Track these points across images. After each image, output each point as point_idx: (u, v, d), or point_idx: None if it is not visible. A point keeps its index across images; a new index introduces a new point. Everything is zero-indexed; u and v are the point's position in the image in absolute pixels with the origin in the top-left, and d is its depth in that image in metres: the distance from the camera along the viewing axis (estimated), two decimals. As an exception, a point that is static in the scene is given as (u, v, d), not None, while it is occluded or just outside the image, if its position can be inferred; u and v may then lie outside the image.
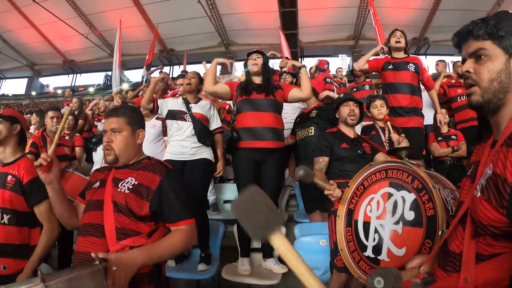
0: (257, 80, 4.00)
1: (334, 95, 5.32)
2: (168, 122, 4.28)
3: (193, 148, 4.05)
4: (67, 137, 5.47)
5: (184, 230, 2.00)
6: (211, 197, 5.44)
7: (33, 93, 27.55)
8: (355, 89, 7.52)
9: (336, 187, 2.89)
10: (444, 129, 5.63)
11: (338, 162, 3.44)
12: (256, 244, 4.16)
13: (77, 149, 5.63)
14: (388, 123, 4.13)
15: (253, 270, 3.89)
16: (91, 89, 23.17)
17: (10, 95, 29.01)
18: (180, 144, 4.08)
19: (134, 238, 1.94)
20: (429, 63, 13.23)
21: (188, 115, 4.14)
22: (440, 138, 5.62)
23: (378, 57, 5.40)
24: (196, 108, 4.22)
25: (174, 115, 4.19)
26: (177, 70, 21.95)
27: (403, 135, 3.86)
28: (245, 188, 3.38)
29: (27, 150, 4.36)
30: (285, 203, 5.93)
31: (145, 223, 2.00)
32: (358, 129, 4.15)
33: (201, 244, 4.03)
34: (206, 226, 4.08)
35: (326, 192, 2.89)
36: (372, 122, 4.48)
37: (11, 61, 27.09)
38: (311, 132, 4.41)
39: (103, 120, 5.26)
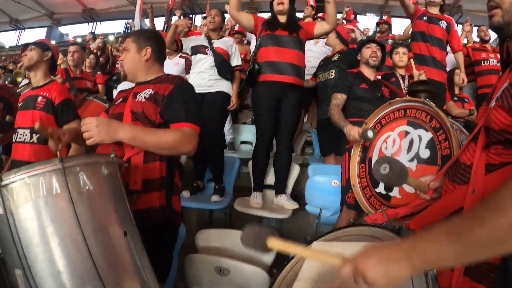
0: (282, 19, 3.96)
1: (358, 35, 5.32)
2: (192, 58, 4.36)
3: (210, 81, 4.10)
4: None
5: (182, 130, 2.00)
6: (228, 137, 5.50)
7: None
8: (377, 43, 7.41)
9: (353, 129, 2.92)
10: (456, 91, 5.61)
11: (355, 102, 3.45)
12: (270, 180, 4.24)
13: (99, 86, 5.76)
14: (412, 60, 4.06)
15: (265, 205, 3.98)
16: (111, 37, 23.16)
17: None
18: (199, 77, 4.13)
19: None
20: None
21: (209, 49, 4.20)
22: (455, 99, 5.59)
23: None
24: (218, 43, 4.27)
25: (196, 49, 4.25)
26: (199, 20, 21.68)
27: (423, 71, 3.87)
28: (264, 123, 3.43)
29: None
30: (301, 148, 6.01)
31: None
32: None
33: (215, 177, 4.16)
34: (222, 159, 4.19)
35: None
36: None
37: (29, 11, 26.99)
38: (331, 75, 4.41)
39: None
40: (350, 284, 1.46)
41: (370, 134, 2.70)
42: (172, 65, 4.95)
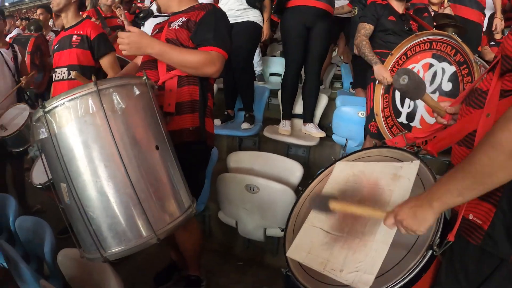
0: None
1: None
2: None
3: (238, 10, 4.08)
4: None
5: (208, 53, 2.07)
6: (257, 68, 5.60)
7: None
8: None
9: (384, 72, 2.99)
10: (498, 36, 5.25)
11: (382, 33, 3.44)
12: (298, 109, 4.35)
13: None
14: None
15: (293, 133, 4.12)
16: None
17: None
18: (227, 7, 4.08)
19: None
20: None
21: None
22: (492, 43, 5.32)
23: None
24: None
25: None
26: None
27: (448, 4, 3.83)
28: (293, 51, 3.53)
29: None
30: (330, 82, 6.04)
31: None
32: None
33: (246, 105, 4.29)
34: (252, 88, 4.28)
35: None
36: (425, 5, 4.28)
37: None
38: (354, 13, 4.37)
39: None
40: (369, 199, 1.59)
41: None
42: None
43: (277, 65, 5.97)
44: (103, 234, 1.52)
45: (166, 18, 2.37)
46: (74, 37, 3.12)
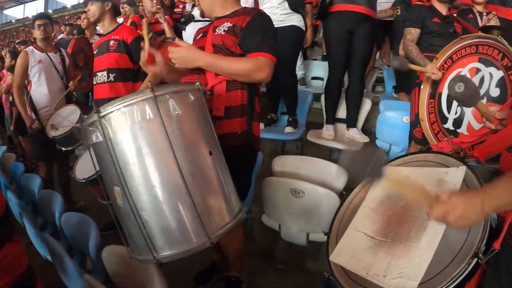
0: None
1: None
2: None
3: (282, 15, 4.11)
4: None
5: (257, 59, 2.09)
6: (299, 72, 5.56)
7: None
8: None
9: (435, 68, 2.89)
10: None
11: (427, 36, 3.39)
12: (341, 114, 4.33)
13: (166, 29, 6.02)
14: None
15: (336, 137, 4.09)
16: None
17: None
18: (270, 11, 4.07)
19: None
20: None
21: None
22: None
23: None
24: None
25: None
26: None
27: (493, 13, 3.67)
28: (336, 55, 3.52)
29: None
30: (372, 85, 5.99)
31: None
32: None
33: (289, 109, 4.31)
34: (295, 92, 4.30)
35: (426, 74, 2.93)
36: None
37: None
38: (398, 12, 4.36)
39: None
40: (414, 205, 1.58)
41: (395, 63, 2.79)
42: (242, 2, 4.94)
43: (319, 69, 5.97)
44: (156, 237, 1.56)
45: (208, 22, 2.44)
46: (112, 42, 3.27)
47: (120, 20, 5.53)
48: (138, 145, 1.52)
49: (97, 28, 6.16)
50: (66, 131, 3.67)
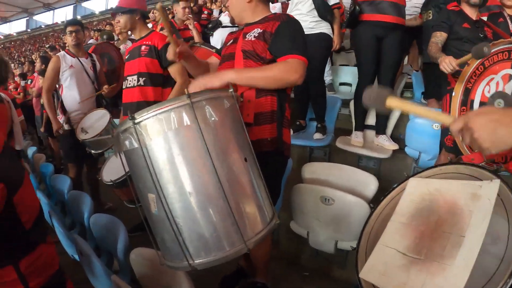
0: None
1: None
2: (290, 2, 4.37)
3: (311, 23, 4.10)
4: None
5: (286, 62, 2.05)
6: (327, 78, 5.55)
7: None
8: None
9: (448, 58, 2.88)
10: None
11: (457, 42, 3.33)
12: (371, 121, 4.29)
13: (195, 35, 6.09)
14: None
15: (365, 144, 4.07)
16: None
17: None
18: (299, 19, 4.16)
19: None
20: None
21: None
22: None
23: None
24: None
25: None
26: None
27: None
28: (365, 63, 3.49)
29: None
30: (401, 91, 5.85)
31: None
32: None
33: (318, 115, 4.28)
34: (324, 98, 4.28)
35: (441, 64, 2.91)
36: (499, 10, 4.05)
37: None
38: (429, 16, 4.27)
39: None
40: (447, 220, 1.55)
41: (486, 50, 2.50)
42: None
43: (347, 74, 5.92)
44: (192, 244, 1.53)
45: (236, 28, 2.42)
46: (143, 47, 3.31)
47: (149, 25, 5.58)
48: (175, 152, 1.50)
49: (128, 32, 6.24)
50: (95, 134, 3.72)
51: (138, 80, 3.29)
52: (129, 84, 3.36)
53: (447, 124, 1.18)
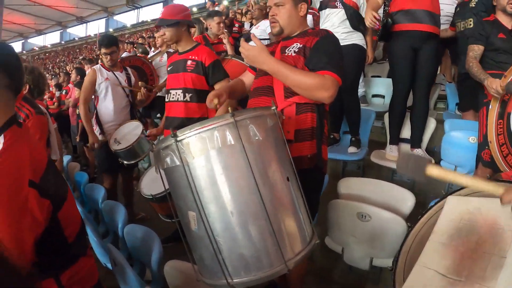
0: None
1: None
2: (321, 13, 4.32)
3: (343, 34, 4.05)
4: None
5: (323, 77, 2.01)
6: (360, 90, 5.41)
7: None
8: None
9: (495, 82, 2.78)
10: None
11: (493, 53, 3.27)
12: (406, 134, 4.19)
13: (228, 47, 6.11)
14: None
15: None
16: (225, 2, 23.90)
17: (149, 20, 32.15)
18: (332, 30, 4.12)
19: (300, 96, 2.09)
20: None
21: (338, 2, 4.13)
22: None
23: None
24: None
25: (325, 4, 4.22)
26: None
27: None
28: (400, 75, 3.41)
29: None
30: (434, 102, 5.77)
31: None
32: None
33: (352, 129, 4.22)
34: (358, 111, 4.20)
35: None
36: None
37: None
38: (470, 24, 4.13)
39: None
40: (488, 241, 1.46)
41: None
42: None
43: (380, 86, 5.82)
44: (232, 262, 1.51)
45: (267, 40, 2.38)
46: (189, 62, 3.24)
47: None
48: (218, 171, 1.49)
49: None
50: (128, 145, 3.76)
51: (184, 96, 3.24)
52: (173, 98, 3.31)
53: (497, 195, 1.21)
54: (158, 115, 6.21)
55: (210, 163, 1.48)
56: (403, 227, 2.47)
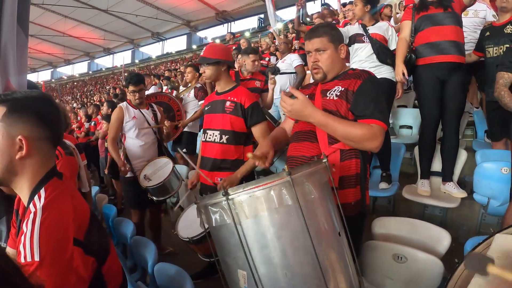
0: None
1: None
2: (350, 48, 4.31)
3: (371, 68, 4.02)
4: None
5: (370, 127, 1.96)
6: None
7: (194, 46, 30.96)
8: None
9: None
10: None
11: None
12: (437, 167, 4.09)
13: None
14: None
15: (432, 193, 3.86)
16: (247, 34, 24.24)
17: (173, 52, 33.36)
18: (358, 66, 4.10)
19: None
20: None
21: (365, 36, 4.14)
22: None
23: None
24: (373, 29, 4.19)
25: (353, 39, 4.23)
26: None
27: None
28: (429, 107, 3.34)
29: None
30: (463, 130, 5.60)
31: None
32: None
33: (382, 163, 4.14)
34: (389, 145, 4.12)
35: None
36: None
37: (168, 24, 31.33)
38: (502, 51, 3.94)
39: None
40: None
41: None
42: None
43: (407, 116, 5.70)
44: None
45: (292, 74, 2.31)
46: (228, 103, 3.15)
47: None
48: (273, 232, 1.43)
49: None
50: (159, 182, 3.74)
51: (221, 138, 3.15)
52: (210, 138, 3.23)
53: None
54: (184, 150, 6.24)
55: (265, 223, 1.44)
56: (439, 268, 2.38)
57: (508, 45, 3.86)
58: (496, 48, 4.05)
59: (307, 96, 2.23)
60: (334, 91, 2.12)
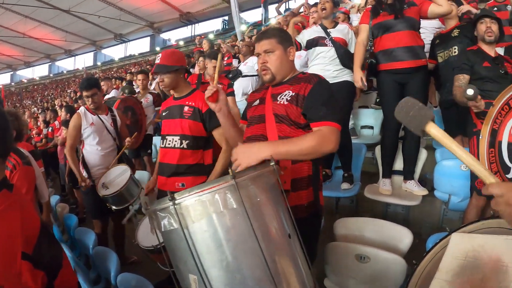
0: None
1: (475, 10, 4.83)
2: (309, 51, 4.33)
3: (335, 71, 4.08)
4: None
5: (322, 131, 1.95)
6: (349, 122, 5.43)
7: (157, 48, 30.05)
8: (495, 9, 6.76)
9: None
10: None
11: (479, 82, 3.24)
12: (398, 166, 4.16)
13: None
14: None
15: (393, 191, 3.92)
16: (211, 36, 24.10)
17: (136, 54, 32.69)
18: (321, 68, 4.11)
19: None
20: None
21: (328, 39, 4.15)
22: None
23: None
24: (335, 33, 4.21)
25: (315, 42, 4.22)
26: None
27: None
28: (390, 108, 3.42)
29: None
30: None
31: (305, 130, 2.06)
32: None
33: (344, 164, 4.17)
34: (350, 147, 4.18)
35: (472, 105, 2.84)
36: None
37: (131, 25, 30.65)
38: (454, 52, 4.12)
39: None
40: (492, 278, 1.41)
41: (470, 92, 2.62)
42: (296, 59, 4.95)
43: (368, 117, 5.79)
44: None
45: (256, 76, 2.31)
46: (186, 108, 3.11)
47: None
48: (220, 235, 1.42)
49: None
50: (116, 190, 3.67)
51: (181, 143, 3.09)
52: (169, 144, 3.16)
53: (486, 183, 1.15)
54: (149, 151, 6.21)
55: (212, 227, 1.42)
56: (402, 266, 2.43)
57: (456, 47, 4.06)
58: (446, 51, 4.24)
59: (257, 100, 2.29)
60: (284, 95, 2.11)
